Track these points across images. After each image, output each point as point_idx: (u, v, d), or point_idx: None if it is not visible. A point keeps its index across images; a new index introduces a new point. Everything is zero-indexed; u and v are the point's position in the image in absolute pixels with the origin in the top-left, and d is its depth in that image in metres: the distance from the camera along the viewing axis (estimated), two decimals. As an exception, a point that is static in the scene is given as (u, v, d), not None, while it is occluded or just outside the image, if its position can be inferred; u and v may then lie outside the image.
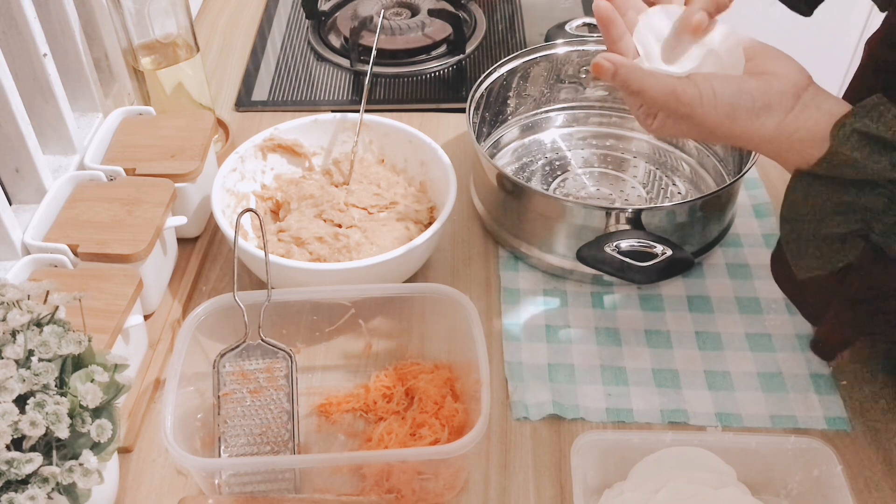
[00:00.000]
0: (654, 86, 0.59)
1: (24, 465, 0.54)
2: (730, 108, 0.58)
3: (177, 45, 0.93)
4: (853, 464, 0.70)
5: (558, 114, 1.04)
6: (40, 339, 0.58)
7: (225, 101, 1.12)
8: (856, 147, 0.54)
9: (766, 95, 0.58)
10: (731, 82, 0.59)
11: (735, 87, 0.58)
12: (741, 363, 0.78)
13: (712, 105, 0.58)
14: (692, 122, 0.59)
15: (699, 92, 0.58)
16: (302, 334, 0.78)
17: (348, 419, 0.73)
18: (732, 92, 0.58)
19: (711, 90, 0.58)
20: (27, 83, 0.81)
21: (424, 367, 0.75)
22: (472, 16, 1.26)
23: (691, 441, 0.65)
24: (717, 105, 0.58)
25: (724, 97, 0.58)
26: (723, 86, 0.58)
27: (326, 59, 1.19)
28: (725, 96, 0.58)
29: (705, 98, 0.58)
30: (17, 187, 0.81)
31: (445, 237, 0.91)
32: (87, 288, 0.69)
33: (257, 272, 0.80)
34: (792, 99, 0.58)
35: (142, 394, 0.75)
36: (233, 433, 0.69)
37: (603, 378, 0.77)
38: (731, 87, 0.58)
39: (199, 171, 0.85)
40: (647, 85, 0.59)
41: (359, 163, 0.91)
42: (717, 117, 0.58)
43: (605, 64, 0.60)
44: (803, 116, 0.58)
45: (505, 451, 0.71)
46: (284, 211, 0.88)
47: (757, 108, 0.58)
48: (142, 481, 0.69)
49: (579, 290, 0.85)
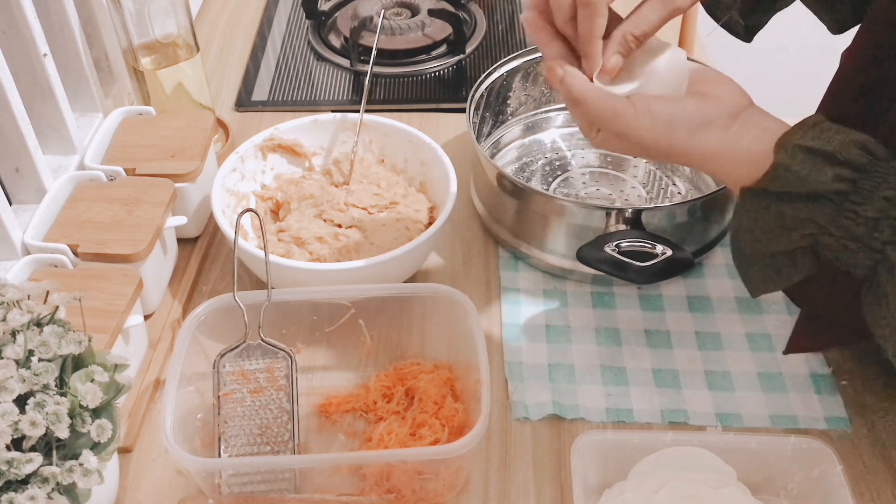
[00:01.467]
0: (595, 99, 0.61)
1: (24, 465, 0.54)
2: (666, 126, 0.60)
3: (177, 45, 0.93)
4: (853, 464, 0.70)
5: (558, 114, 1.04)
6: (40, 339, 0.58)
7: (225, 101, 1.12)
8: (799, 161, 0.55)
9: (704, 114, 0.60)
10: (668, 103, 0.61)
11: (672, 107, 0.60)
12: (741, 363, 0.78)
13: (648, 124, 0.60)
14: (630, 141, 0.61)
15: (636, 111, 0.60)
16: (302, 334, 0.78)
17: (348, 419, 0.73)
18: (669, 111, 0.60)
19: (648, 110, 0.60)
20: (27, 83, 0.81)
21: (424, 367, 0.75)
22: (472, 16, 1.26)
23: (691, 441, 0.65)
24: (652, 124, 0.60)
25: (660, 116, 0.60)
26: (659, 106, 0.60)
27: (326, 59, 1.19)
28: (662, 115, 0.60)
29: (641, 118, 0.60)
30: (17, 187, 0.81)
31: (445, 237, 0.91)
32: (87, 288, 0.69)
33: (257, 272, 0.80)
34: (731, 118, 0.60)
35: (142, 394, 0.75)
36: (233, 433, 0.69)
37: (603, 378, 0.77)
38: (669, 107, 0.60)
39: (199, 171, 0.85)
40: (588, 97, 0.61)
41: (359, 163, 0.91)
42: (653, 136, 0.60)
43: (557, 69, 0.62)
44: (743, 133, 0.59)
45: (505, 451, 0.71)
46: (284, 211, 0.88)
47: (695, 126, 0.60)
48: (142, 481, 0.69)
49: (579, 290, 0.85)
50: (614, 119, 0.60)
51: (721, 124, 0.60)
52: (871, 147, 0.55)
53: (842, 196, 0.54)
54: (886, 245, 0.53)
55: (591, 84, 0.61)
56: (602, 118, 0.60)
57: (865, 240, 0.54)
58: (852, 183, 0.54)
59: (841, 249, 0.56)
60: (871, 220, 0.54)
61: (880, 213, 0.53)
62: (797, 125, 0.57)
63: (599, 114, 0.60)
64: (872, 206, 0.54)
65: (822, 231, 0.56)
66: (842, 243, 0.55)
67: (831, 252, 0.56)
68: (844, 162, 0.55)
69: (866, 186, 0.54)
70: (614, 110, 0.60)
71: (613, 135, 0.61)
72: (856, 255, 0.55)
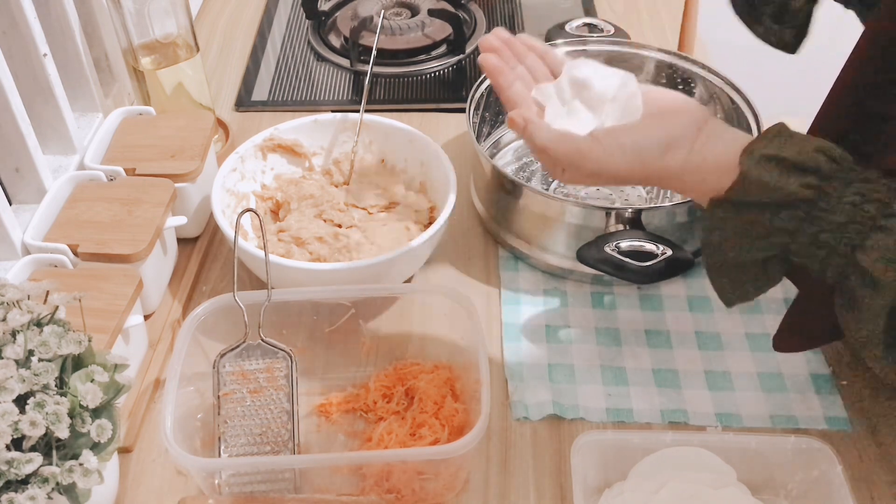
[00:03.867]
0: (559, 146, 0.61)
1: (24, 465, 0.54)
2: (636, 155, 0.61)
3: (177, 45, 0.93)
4: (853, 464, 0.70)
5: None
6: (40, 339, 0.58)
7: (225, 101, 1.12)
8: (765, 170, 0.56)
9: (668, 134, 0.61)
10: (633, 131, 0.62)
11: (638, 135, 0.61)
12: (741, 363, 0.78)
13: (621, 157, 0.61)
14: (602, 177, 0.62)
15: (604, 148, 0.61)
16: (302, 334, 0.78)
17: (348, 419, 0.73)
18: (636, 140, 0.61)
19: (617, 143, 0.61)
20: (27, 83, 0.81)
21: (424, 367, 0.75)
22: (472, 16, 1.26)
23: (691, 441, 0.65)
24: (624, 156, 0.61)
25: (629, 147, 0.61)
26: (626, 137, 0.61)
27: (326, 59, 1.19)
28: (630, 145, 0.61)
29: (612, 152, 0.61)
30: (17, 187, 0.82)
31: (445, 237, 0.91)
32: (87, 288, 0.69)
33: (257, 272, 0.80)
34: (694, 132, 0.61)
35: (142, 394, 0.75)
36: (233, 433, 0.69)
37: (603, 378, 0.77)
38: (635, 135, 0.61)
39: (199, 171, 0.85)
40: (552, 144, 0.62)
41: (359, 163, 0.91)
42: (627, 166, 0.61)
43: (517, 119, 0.63)
44: (708, 147, 0.60)
45: (505, 451, 0.71)
46: (284, 211, 0.88)
47: (663, 148, 0.61)
48: (142, 481, 0.69)
49: (579, 290, 0.85)
50: (582, 160, 0.61)
51: (687, 142, 0.61)
52: (834, 153, 0.56)
53: (809, 203, 0.55)
54: (856, 249, 0.54)
55: (553, 130, 0.62)
56: (570, 161, 0.61)
57: (834, 245, 0.55)
58: (818, 190, 0.55)
59: (811, 256, 0.56)
60: (839, 226, 0.54)
61: (847, 218, 0.54)
62: (761, 135, 0.58)
63: (567, 158, 0.61)
64: (839, 212, 0.54)
65: (792, 239, 0.56)
66: (811, 250, 0.56)
67: (801, 259, 0.57)
68: (809, 169, 0.55)
69: (832, 193, 0.55)
70: (580, 152, 0.61)
71: (586, 174, 0.62)
72: (826, 262, 0.55)
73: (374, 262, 0.75)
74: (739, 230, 0.58)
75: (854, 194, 0.54)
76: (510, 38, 0.69)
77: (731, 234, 0.59)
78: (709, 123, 0.62)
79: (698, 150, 0.60)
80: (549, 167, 0.65)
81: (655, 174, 0.62)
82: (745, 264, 0.60)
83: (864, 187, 0.54)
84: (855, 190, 0.54)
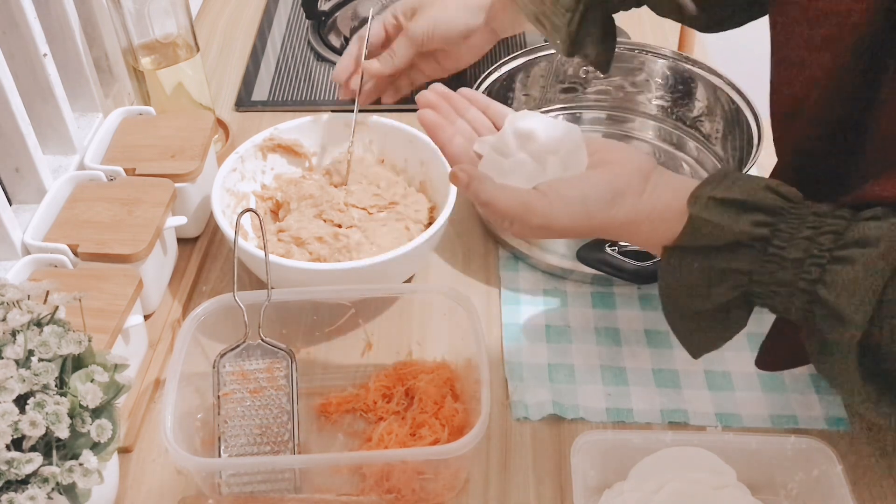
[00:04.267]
0: (504, 200, 0.61)
1: (24, 465, 0.54)
2: (582, 206, 0.60)
3: (177, 45, 0.93)
4: (853, 464, 0.70)
5: (558, 114, 1.04)
6: (40, 339, 0.58)
7: (225, 101, 1.12)
8: (714, 212, 0.56)
9: (614, 185, 0.60)
10: (578, 183, 0.61)
11: (582, 186, 0.61)
12: (741, 363, 0.78)
13: (564, 209, 0.60)
14: (550, 230, 0.61)
15: (548, 201, 0.60)
16: (302, 334, 0.78)
17: (348, 419, 0.73)
18: (580, 191, 0.60)
19: (559, 196, 0.60)
20: (27, 83, 0.81)
21: (424, 367, 0.75)
22: (472, 16, 1.26)
23: (691, 441, 0.65)
24: (568, 208, 0.60)
25: (573, 199, 0.60)
26: (570, 189, 0.60)
27: (326, 59, 1.19)
28: (575, 197, 0.60)
29: (556, 204, 0.60)
30: (17, 187, 0.82)
31: (445, 237, 0.91)
32: (87, 288, 0.69)
33: (257, 272, 0.80)
34: (641, 181, 0.60)
35: (142, 394, 0.75)
36: (233, 433, 0.69)
37: (603, 378, 0.77)
38: (579, 186, 0.61)
39: (199, 171, 0.85)
40: (497, 199, 0.61)
41: (359, 163, 0.91)
42: (572, 218, 0.60)
43: (460, 175, 0.62)
44: (656, 195, 0.60)
45: (505, 451, 0.71)
46: (284, 211, 0.87)
47: (609, 199, 0.60)
48: (142, 481, 0.69)
49: (579, 290, 0.85)
50: (528, 214, 0.60)
51: (634, 191, 0.60)
52: (782, 191, 0.55)
53: (763, 242, 0.55)
54: (816, 284, 0.53)
55: (497, 185, 0.62)
56: (515, 215, 0.61)
57: (794, 282, 0.54)
58: (772, 227, 0.54)
59: (772, 297, 0.55)
60: (796, 262, 0.53)
61: (803, 253, 0.53)
62: (706, 180, 0.58)
63: (512, 212, 0.61)
64: (795, 248, 0.53)
65: (750, 280, 0.56)
66: (771, 290, 0.55)
67: (763, 301, 0.56)
68: (759, 208, 0.55)
69: (785, 229, 0.54)
70: (525, 206, 0.60)
71: (532, 229, 0.62)
72: (789, 301, 0.55)
73: (374, 262, 0.75)
74: (695, 277, 0.57)
75: (808, 228, 0.53)
76: (448, 92, 0.69)
77: (687, 281, 0.58)
78: (655, 172, 0.61)
79: (646, 200, 0.60)
80: (495, 221, 0.64)
81: (603, 225, 0.61)
82: (707, 312, 0.59)
83: (816, 220, 0.54)
84: (808, 224, 0.54)
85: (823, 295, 0.53)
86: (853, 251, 0.52)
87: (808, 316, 0.55)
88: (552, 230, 0.61)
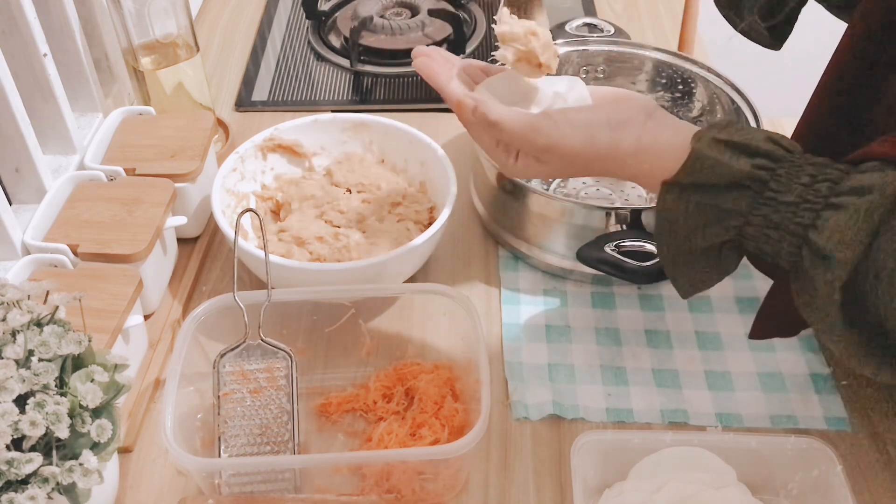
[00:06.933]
0: (513, 119, 0.61)
1: (24, 465, 0.54)
2: (587, 128, 0.61)
3: (177, 45, 0.93)
4: (853, 464, 0.70)
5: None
6: (40, 339, 0.58)
7: (225, 101, 1.12)
8: (717, 150, 0.57)
9: (619, 115, 0.62)
10: (584, 111, 0.63)
11: (588, 113, 0.62)
12: (741, 363, 0.78)
13: (570, 131, 0.61)
14: (554, 154, 0.62)
15: (555, 122, 0.61)
16: (302, 334, 0.78)
17: (348, 419, 0.73)
18: (586, 117, 0.62)
19: (566, 119, 0.61)
20: (27, 83, 0.81)
21: (424, 367, 0.75)
22: (472, 16, 1.26)
23: (691, 441, 0.65)
24: (574, 131, 0.61)
25: (579, 121, 0.61)
26: (577, 114, 0.62)
27: (326, 59, 1.19)
28: (581, 120, 0.61)
29: (563, 127, 0.61)
30: (17, 187, 0.82)
31: (445, 237, 0.91)
32: (87, 288, 0.69)
33: (257, 272, 0.80)
34: (643, 117, 0.62)
35: (142, 394, 0.75)
36: (233, 433, 0.69)
37: (603, 378, 0.77)
38: (585, 113, 0.62)
39: (199, 171, 0.85)
40: (504, 118, 0.62)
41: (359, 163, 0.91)
42: (577, 141, 0.61)
43: (466, 100, 0.63)
44: (660, 129, 0.61)
45: (505, 451, 0.71)
46: (285, 211, 0.88)
47: (613, 125, 0.61)
48: (142, 481, 0.69)
49: (579, 290, 0.85)
50: (535, 136, 0.61)
51: (638, 122, 0.61)
52: (783, 143, 0.57)
53: (760, 184, 0.56)
54: (807, 229, 0.54)
55: (505, 107, 0.62)
56: (523, 138, 0.61)
57: (786, 225, 0.55)
58: (770, 171, 0.56)
59: (764, 239, 0.56)
60: (790, 206, 0.55)
61: (799, 198, 0.55)
62: (710, 125, 0.59)
63: (520, 133, 0.61)
64: (791, 192, 0.55)
65: (744, 221, 0.57)
66: (764, 232, 0.56)
67: (755, 242, 0.57)
68: (760, 153, 0.56)
69: (783, 175, 0.55)
70: (533, 127, 0.61)
71: (537, 154, 0.62)
72: (779, 244, 0.56)
73: (374, 262, 0.75)
74: (691, 214, 0.58)
75: (806, 175, 0.55)
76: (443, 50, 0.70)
77: (683, 218, 0.59)
78: (658, 111, 0.63)
79: (651, 131, 0.61)
80: (498, 153, 0.64)
81: (608, 153, 0.61)
82: (699, 251, 0.60)
83: (814, 169, 0.55)
84: (806, 171, 0.55)
85: (813, 238, 0.54)
86: (847, 198, 0.53)
87: (797, 261, 0.56)
88: (557, 153, 0.62)
